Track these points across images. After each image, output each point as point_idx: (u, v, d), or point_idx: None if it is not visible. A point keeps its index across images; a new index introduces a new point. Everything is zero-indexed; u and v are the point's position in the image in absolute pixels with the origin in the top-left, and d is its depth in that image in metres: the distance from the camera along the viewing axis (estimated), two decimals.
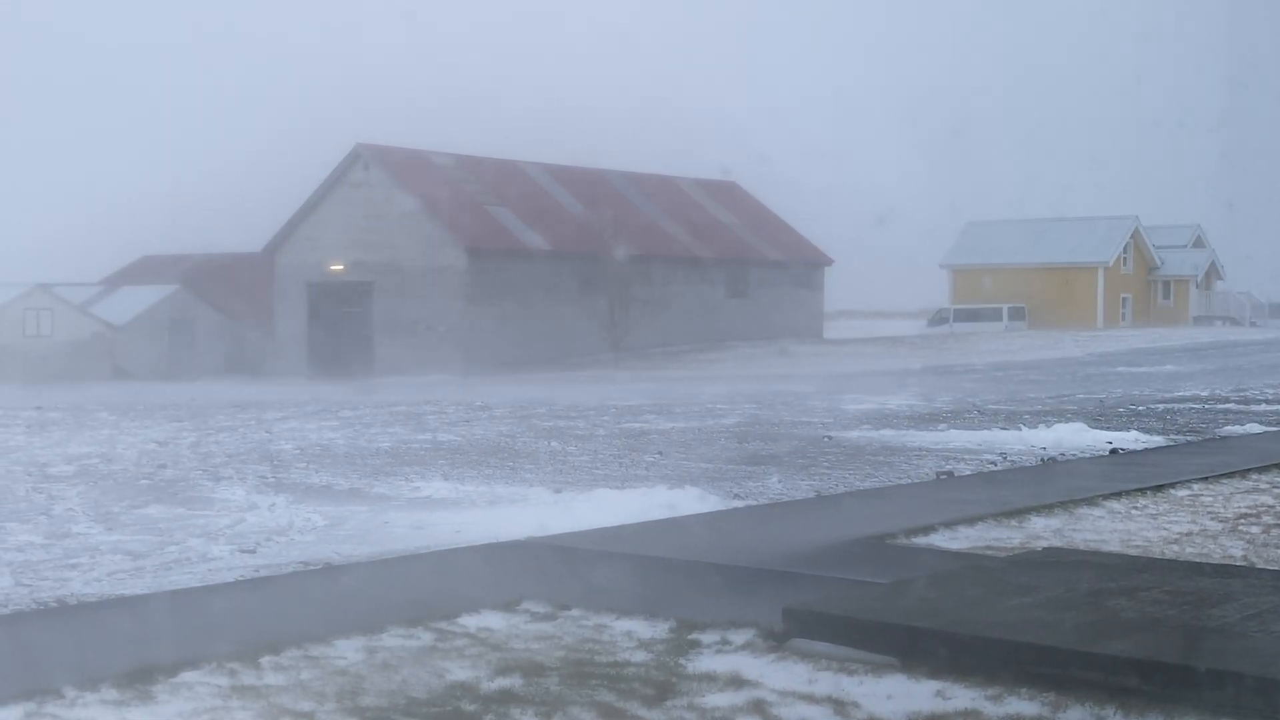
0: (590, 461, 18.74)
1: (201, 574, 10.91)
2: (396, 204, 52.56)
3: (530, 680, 7.03)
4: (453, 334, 50.92)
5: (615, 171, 62.59)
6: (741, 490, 15.45)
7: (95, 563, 11.45)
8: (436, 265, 51.34)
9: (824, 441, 20.89)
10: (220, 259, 65.53)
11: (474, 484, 16.38)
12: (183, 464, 19.07)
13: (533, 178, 58.64)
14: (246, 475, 17.59)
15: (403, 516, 13.84)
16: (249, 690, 6.85)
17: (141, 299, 60.50)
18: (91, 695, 6.70)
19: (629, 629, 8.14)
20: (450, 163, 56.27)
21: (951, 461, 17.91)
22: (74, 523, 13.71)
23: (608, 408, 28.79)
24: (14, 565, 11.30)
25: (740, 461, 18.45)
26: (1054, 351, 49.38)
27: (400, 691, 6.85)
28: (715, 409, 27.87)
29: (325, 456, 19.83)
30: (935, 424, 23.39)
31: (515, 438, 22.38)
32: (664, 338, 56.31)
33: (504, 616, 8.49)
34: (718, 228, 63.02)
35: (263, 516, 14.01)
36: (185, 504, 14.99)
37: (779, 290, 63.25)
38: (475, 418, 26.81)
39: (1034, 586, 8.23)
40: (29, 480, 17.30)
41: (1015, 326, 68.99)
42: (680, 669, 7.27)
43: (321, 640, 7.77)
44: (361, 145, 53.94)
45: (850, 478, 16.48)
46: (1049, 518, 12.22)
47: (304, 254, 54.89)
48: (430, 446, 21.15)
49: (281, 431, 24.28)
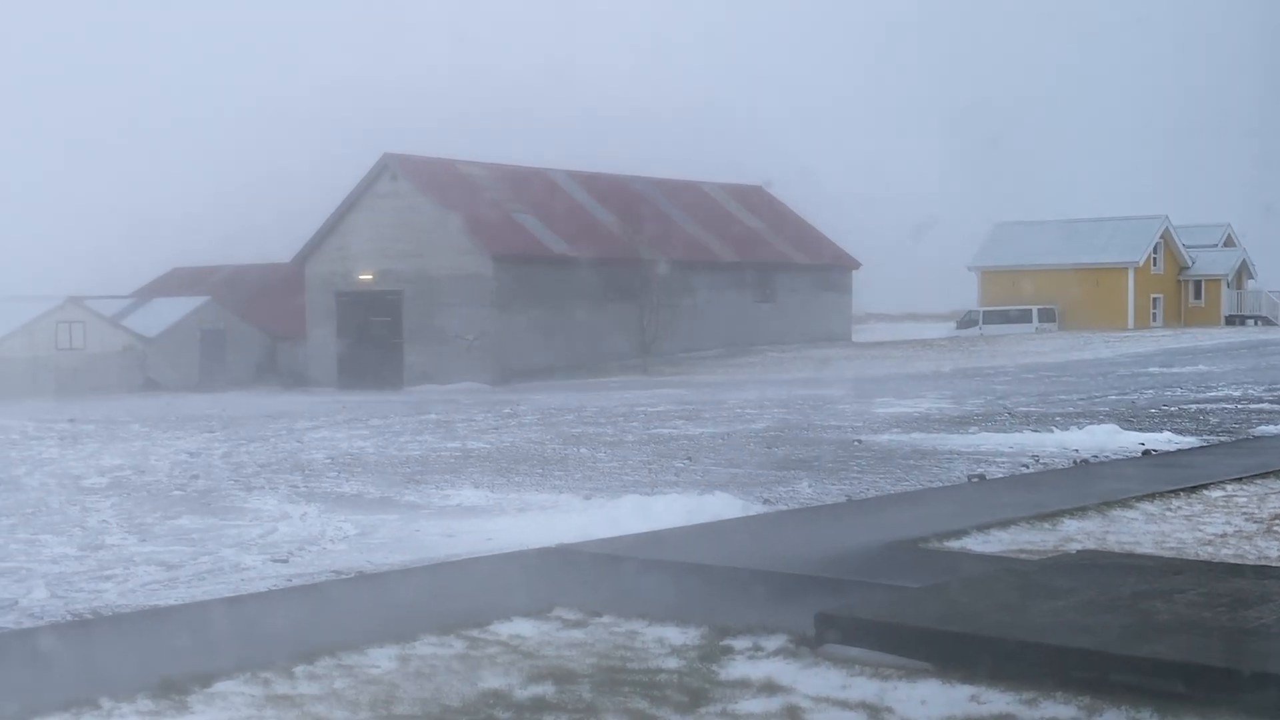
0: (620, 468, 18.73)
1: (235, 584, 10.96)
2: (425, 213, 52.71)
3: (563, 687, 7.03)
4: (482, 342, 51.02)
5: (642, 178, 62.59)
6: (771, 495, 15.41)
7: (129, 574, 11.52)
8: (465, 273, 51.46)
9: (854, 445, 20.82)
10: (250, 270, 65.85)
11: (504, 491, 16.40)
12: (215, 474, 19.16)
13: (560, 185, 58.72)
14: (278, 485, 17.66)
15: (433, 525, 13.87)
16: (283, 699, 6.87)
17: (172, 311, 60.82)
18: (127, 706, 6.74)
19: (661, 635, 8.13)
20: (477, 171, 56.40)
21: (983, 464, 17.82)
22: (108, 534, 13.79)
23: (636, 413, 28.78)
24: (49, 577, 11.38)
25: (770, 466, 18.41)
26: (1085, 353, 49.09)
27: (434, 700, 6.86)
28: (744, 414, 27.83)
29: (356, 465, 19.89)
30: (966, 427, 23.28)
31: (544, 445, 22.39)
32: (692, 343, 56.25)
33: (536, 624, 8.49)
34: (745, 232, 62.94)
35: (295, 526, 14.07)
36: (218, 514, 15.06)
37: (807, 294, 63.12)
38: (504, 425, 26.85)
39: (1068, 590, 8.18)
40: (63, 493, 17.42)
41: (1045, 328, 68.61)
42: (713, 675, 7.25)
43: (355, 649, 7.79)
44: (389, 155, 54.12)
45: (881, 482, 16.42)
46: (1082, 520, 12.15)
47: (333, 264, 55.10)
48: (460, 454, 21.19)
49: (312, 441, 24.38)
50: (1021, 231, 75.62)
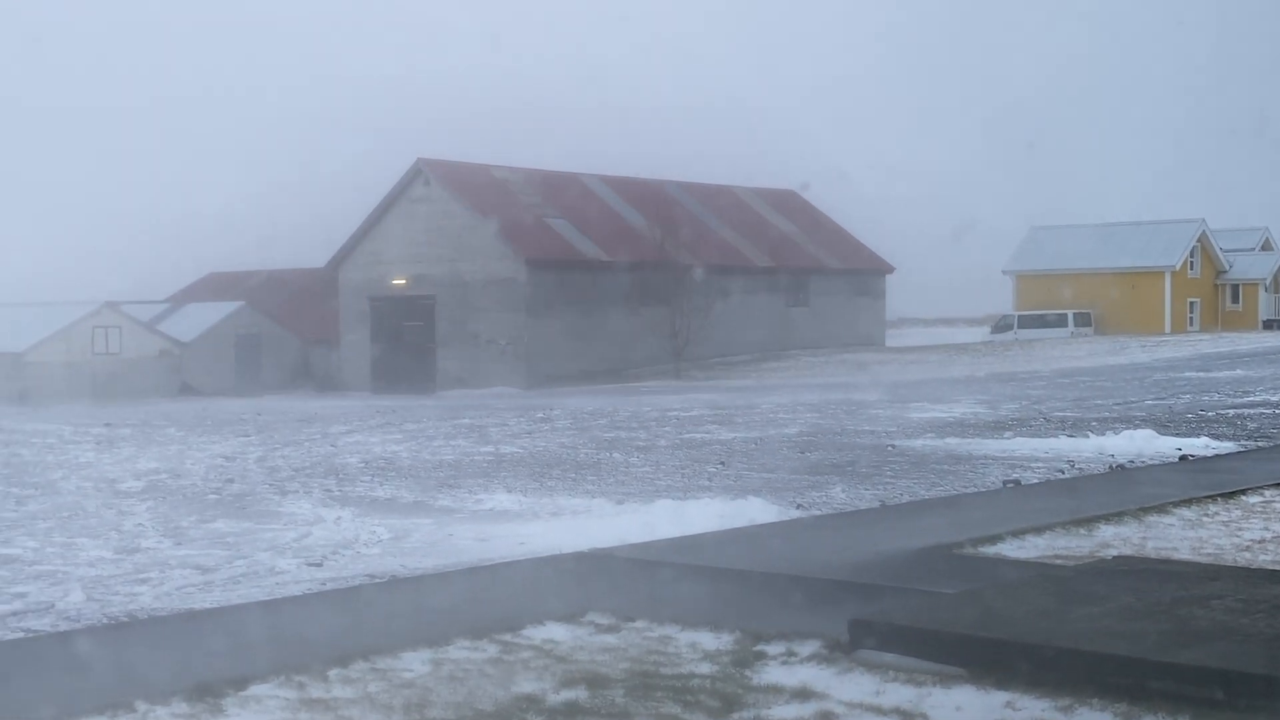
0: (652, 472, 18.72)
1: (269, 587, 11.01)
2: (458, 218, 52.88)
3: (596, 692, 7.02)
4: (514, 346, 51.13)
5: (673, 182, 62.61)
6: (804, 500, 15.37)
7: (165, 577, 11.59)
8: (498, 278, 51.59)
9: (888, 450, 20.74)
10: (284, 275, 66.26)
11: (537, 496, 16.41)
12: (250, 478, 19.26)
13: (592, 189, 58.79)
14: (312, 489, 17.74)
15: (467, 529, 13.90)
16: (317, 703, 6.90)
17: (208, 316, 61.27)
18: (162, 709, 6.77)
19: (694, 640, 8.11)
20: (509, 176, 56.54)
21: (1018, 470, 17.72)
22: (144, 538, 13.88)
23: (669, 418, 28.76)
24: (86, 580, 11.46)
25: (803, 471, 18.36)
26: (1121, 357, 48.77)
27: (467, 704, 6.86)
28: (777, 418, 27.77)
29: (390, 469, 19.95)
30: (1001, 432, 23.15)
31: (577, 449, 22.41)
32: (725, 348, 56.19)
33: (569, 628, 8.49)
34: (778, 236, 62.85)
35: (329, 530, 14.12)
36: (253, 518, 15.13)
37: (840, 299, 62.97)
38: (537, 429, 26.88)
39: (1104, 596, 8.12)
40: (99, 496, 17.54)
41: (1081, 332, 68.17)
42: (746, 681, 7.23)
43: (388, 653, 7.81)
44: (422, 160, 54.34)
45: (915, 487, 16.35)
46: (1119, 526, 12.06)
47: (367, 269, 55.36)
48: (493, 459, 21.23)
49: (346, 445, 24.47)
50: (1057, 235, 75.18)
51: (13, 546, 13.39)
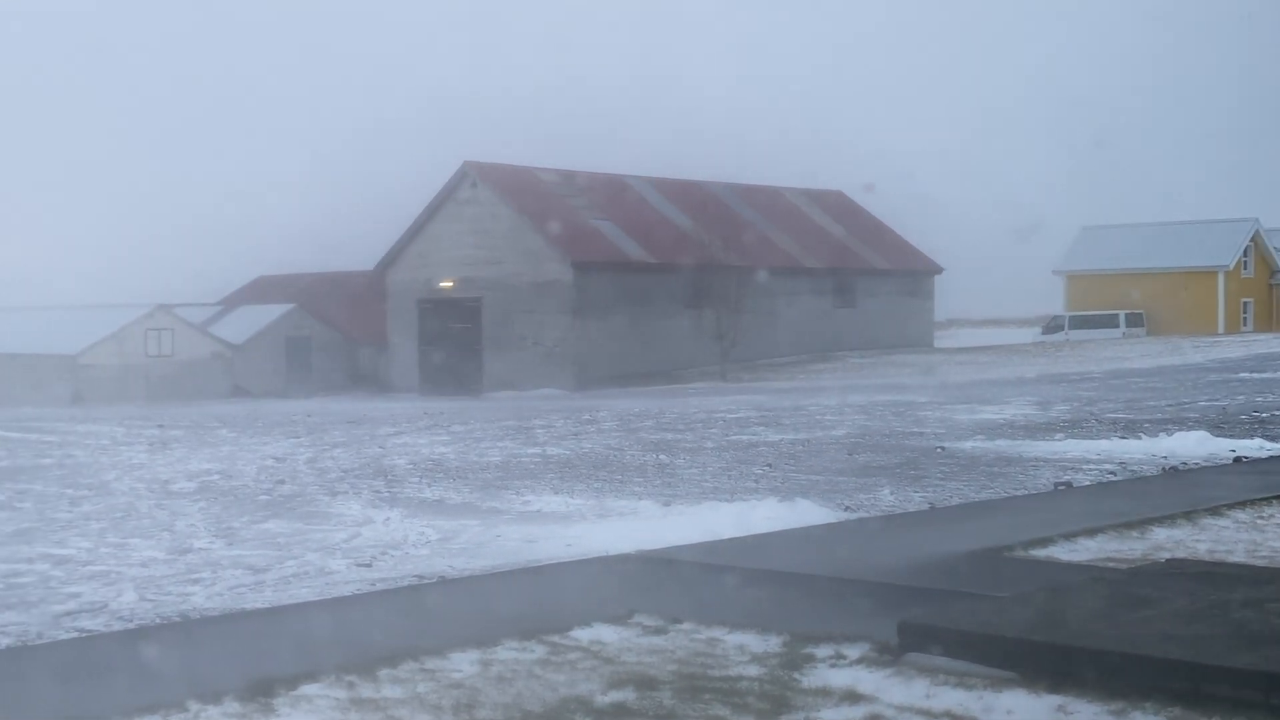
0: (699, 474, 18.70)
1: (320, 588, 11.08)
2: (504, 220, 53.08)
3: (643, 694, 7.02)
4: (560, 348, 51.24)
5: (718, 183, 62.53)
6: (853, 502, 15.30)
7: (217, 577, 11.69)
8: (543, 280, 51.73)
9: (936, 452, 20.61)
10: (333, 278, 66.73)
11: (583, 497, 16.43)
12: (300, 479, 19.40)
13: (638, 191, 58.83)
14: (361, 490, 17.84)
15: (514, 530, 13.93)
16: (367, 703, 6.93)
17: (258, 318, 61.81)
18: (214, 709, 6.83)
19: (741, 642, 8.09)
20: (555, 178, 56.68)
21: (1069, 472, 17.57)
22: (196, 538, 14.01)
23: (715, 420, 28.72)
24: (138, 580, 11.58)
25: (851, 473, 18.29)
26: (1173, 358, 48.25)
27: (515, 705, 6.88)
28: (824, 420, 27.66)
29: (437, 471, 20.04)
30: (1052, 434, 22.96)
31: (623, 451, 22.41)
32: (771, 349, 56.05)
33: (616, 629, 8.49)
34: (825, 237, 62.64)
35: (378, 531, 14.20)
36: (303, 519, 15.24)
37: (888, 299, 62.68)
38: (583, 431, 26.91)
39: (1157, 599, 8.03)
40: (152, 497, 17.72)
41: (1133, 333, 67.51)
42: (794, 683, 7.20)
43: (437, 653, 7.84)
44: (469, 163, 54.58)
45: (964, 489, 16.24)
46: (1172, 528, 11.93)
47: (414, 271, 55.65)
48: (540, 460, 21.27)
49: (395, 446, 24.60)
50: (1108, 235, 74.52)
51: (67, 547, 13.55)
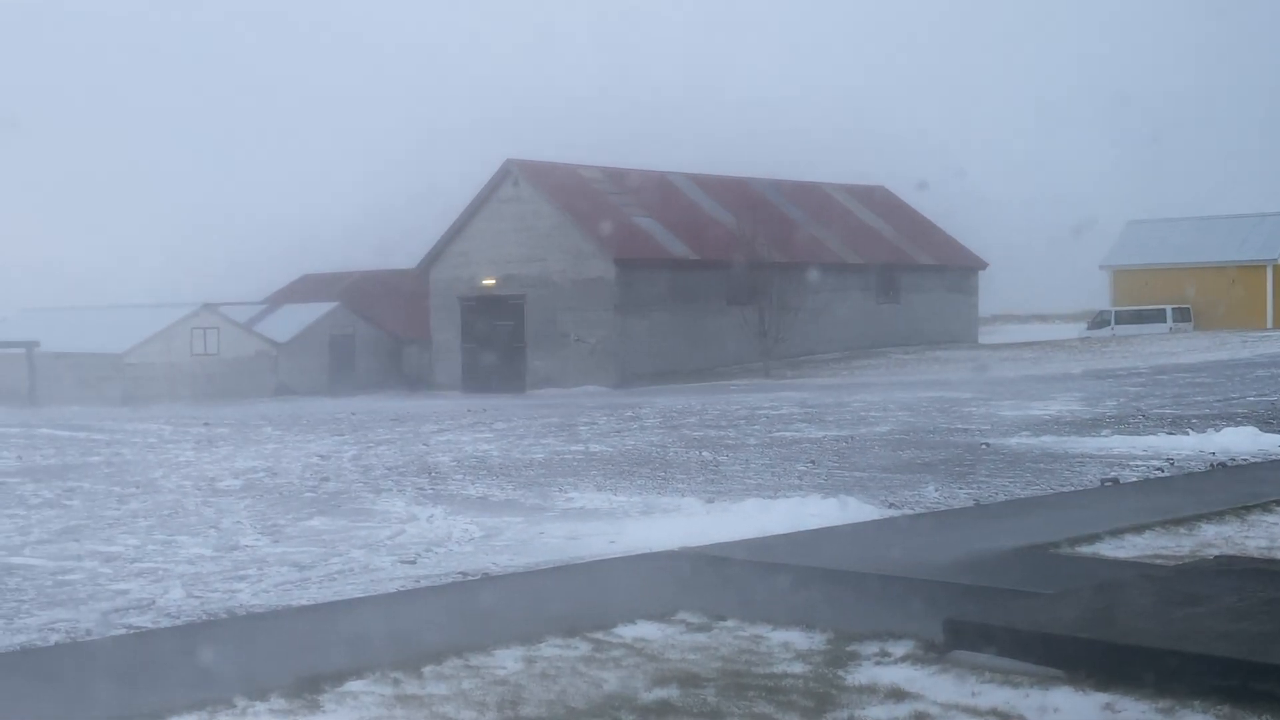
0: (742, 471, 18.67)
1: (364, 585, 11.14)
2: (546, 218, 53.15)
3: (687, 691, 7.01)
4: (603, 345, 51.27)
5: (761, 179, 62.37)
6: (897, 499, 15.23)
7: (263, 574, 11.77)
8: (586, 277, 51.78)
9: (982, 449, 20.49)
10: (377, 276, 67.01)
11: (627, 494, 16.44)
12: (344, 477, 19.50)
13: (679, 187, 58.77)
14: (405, 487, 17.92)
15: (557, 527, 13.96)
16: (412, 699, 6.96)
17: (302, 317, 62.15)
18: (261, 705, 6.88)
19: (786, 640, 8.07)
20: (597, 175, 56.70)
21: (1116, 468, 17.42)
22: (242, 535, 14.12)
23: (758, 416, 28.67)
24: (185, 578, 11.68)
25: (895, 470, 18.20)
26: (1221, 353, 47.74)
27: (559, 701, 6.89)
28: (868, 417, 27.56)
29: (481, 468, 20.10)
30: (1098, 430, 22.78)
31: (666, 448, 22.41)
32: (814, 345, 55.85)
33: (659, 627, 8.49)
34: (868, 233, 62.36)
35: (422, 528, 14.26)
36: (348, 516, 15.33)
37: (932, 295, 62.32)
38: (626, 428, 26.93)
39: (1206, 596, 7.95)
40: (199, 495, 17.87)
41: (1180, 328, 66.82)
42: (839, 681, 7.18)
43: (481, 650, 7.86)
44: (511, 161, 54.69)
45: (1010, 486, 16.13)
46: (1220, 525, 11.81)
47: (457, 269, 55.83)
48: (583, 457, 21.30)
49: (438, 444, 24.70)
50: (1155, 229, 73.79)
51: (115, 544, 13.68)
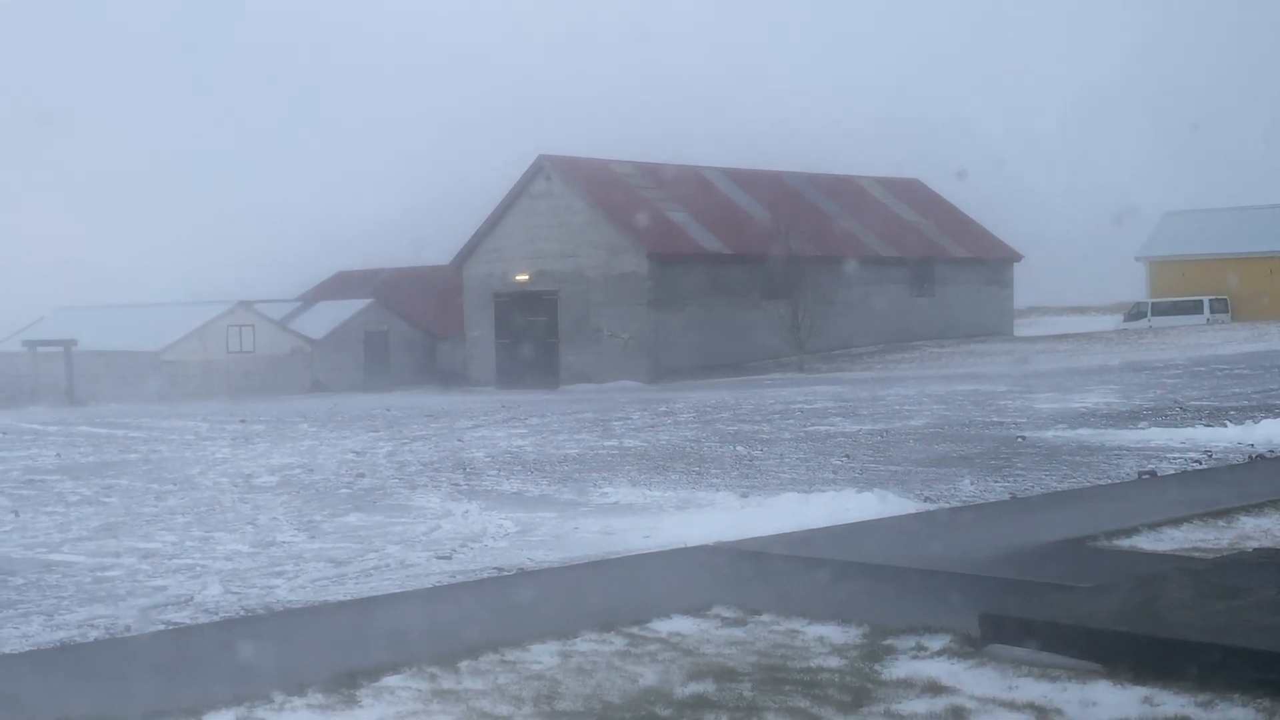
0: (776, 465, 18.64)
1: (400, 580, 11.19)
2: (579, 213, 53.19)
3: (723, 686, 7.01)
4: (636, 340, 51.28)
5: (794, 173, 62.20)
6: (932, 493, 15.18)
7: (299, 570, 11.84)
8: (619, 272, 51.79)
9: (1017, 442, 20.39)
10: (411, 272, 67.23)
11: (661, 489, 16.44)
12: (380, 473, 19.59)
13: (712, 181, 58.70)
14: (440, 483, 17.99)
15: (592, 522, 13.98)
16: (448, 694, 6.99)
17: (337, 313, 62.43)
18: (298, 699, 6.92)
19: (821, 634, 8.06)
20: (630, 170, 56.69)
21: (1153, 461, 17.30)
22: (278, 531, 14.21)
23: (792, 411, 28.62)
24: (223, 573, 11.76)
25: (930, 463, 18.14)
26: (1259, 344, 47.32)
27: (595, 696, 6.90)
28: (903, 410, 27.46)
29: (515, 464, 20.15)
30: (1135, 422, 22.62)
31: (700, 442, 22.40)
32: (849, 339, 55.70)
33: (695, 621, 8.49)
34: (902, 226, 62.12)
35: (457, 523, 14.31)
36: (383, 512, 15.39)
37: (967, 288, 62.02)
38: (660, 423, 26.93)
39: (1245, 589, 7.89)
40: (235, 491, 17.99)
41: (1218, 319, 66.24)
42: (875, 675, 7.16)
43: (517, 645, 7.88)
44: (543, 156, 54.75)
45: (1046, 479, 16.05)
46: (1259, 517, 11.71)
47: (490, 265, 55.95)
48: (617, 452, 21.31)
49: (473, 440, 24.77)
50: (1192, 220, 73.17)
51: (153, 541, 13.80)
